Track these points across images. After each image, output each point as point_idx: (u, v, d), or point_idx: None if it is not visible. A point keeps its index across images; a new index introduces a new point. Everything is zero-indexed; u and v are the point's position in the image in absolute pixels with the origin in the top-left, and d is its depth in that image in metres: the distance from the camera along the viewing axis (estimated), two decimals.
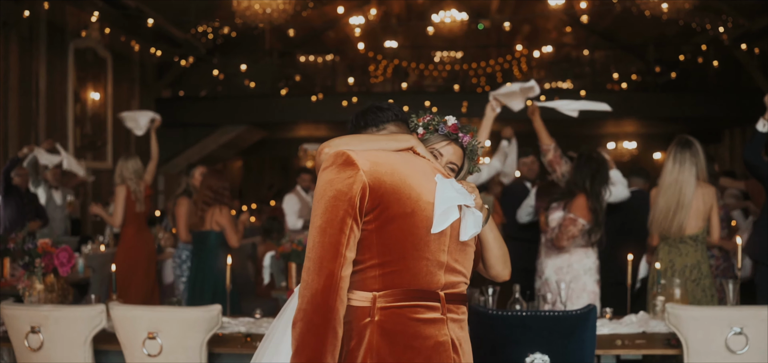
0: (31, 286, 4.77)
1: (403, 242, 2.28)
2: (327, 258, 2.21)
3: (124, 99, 14.39)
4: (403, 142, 2.47)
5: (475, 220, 2.41)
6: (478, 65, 17.59)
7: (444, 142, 2.70)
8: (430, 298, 2.30)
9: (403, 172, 2.32)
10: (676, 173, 5.15)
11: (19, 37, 11.05)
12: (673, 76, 16.72)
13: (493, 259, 2.64)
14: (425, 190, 2.33)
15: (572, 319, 3.66)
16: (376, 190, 2.26)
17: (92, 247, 8.38)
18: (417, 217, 2.29)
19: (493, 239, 2.64)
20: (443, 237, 2.34)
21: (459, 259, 2.41)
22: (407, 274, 2.29)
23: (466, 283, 2.45)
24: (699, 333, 3.83)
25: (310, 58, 18.17)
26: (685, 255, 5.22)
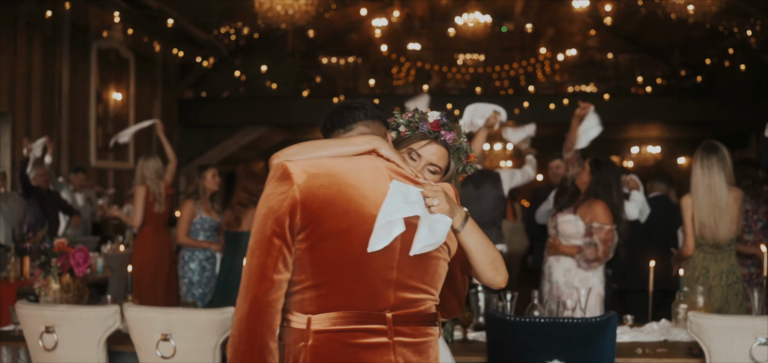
0: (47, 285, 4.77)
1: (337, 262, 2.10)
2: (252, 282, 2.08)
3: (146, 99, 14.47)
4: (363, 144, 2.26)
5: (431, 232, 2.18)
6: (501, 68, 17.49)
7: (424, 141, 2.53)
8: (373, 320, 2.11)
9: (346, 182, 2.13)
10: (708, 179, 5.04)
11: (42, 38, 11.13)
12: (699, 80, 16.52)
13: (479, 266, 2.37)
14: (372, 201, 2.13)
15: (591, 327, 3.58)
16: (308, 206, 2.09)
17: (111, 247, 8.41)
18: (354, 234, 2.10)
19: (477, 244, 2.35)
20: (390, 252, 2.13)
21: (415, 275, 2.18)
22: (344, 296, 2.10)
23: (432, 301, 2.24)
24: (722, 342, 3.73)
25: (332, 60, 18.15)
26: (721, 261, 5.13)
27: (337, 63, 18.14)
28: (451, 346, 4.17)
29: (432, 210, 2.20)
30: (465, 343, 4.27)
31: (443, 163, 2.52)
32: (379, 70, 17.75)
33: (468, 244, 2.34)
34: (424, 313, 2.20)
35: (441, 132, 2.52)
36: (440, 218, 2.21)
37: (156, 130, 8.12)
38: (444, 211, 2.22)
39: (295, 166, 2.13)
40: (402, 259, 2.15)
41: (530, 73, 17.43)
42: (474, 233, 2.34)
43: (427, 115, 2.55)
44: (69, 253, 4.80)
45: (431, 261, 2.22)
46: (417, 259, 2.18)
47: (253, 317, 2.07)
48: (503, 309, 4.42)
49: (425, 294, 2.21)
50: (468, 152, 2.58)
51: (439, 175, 2.51)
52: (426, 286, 2.21)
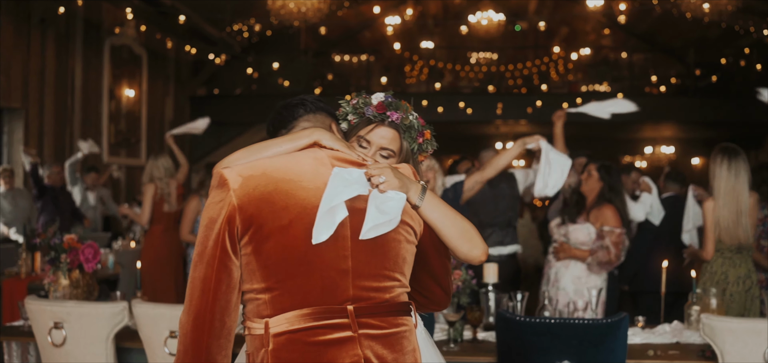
0: (56, 281, 4.77)
1: (284, 260, 2.00)
2: (195, 296, 2.02)
3: (158, 96, 14.50)
4: (304, 138, 2.18)
5: (379, 211, 2.05)
6: (515, 67, 17.44)
7: (370, 126, 2.41)
8: (333, 315, 2.00)
9: (283, 178, 2.04)
10: (733, 181, 4.99)
11: (55, 34, 11.18)
12: (714, 79, 16.40)
13: (451, 240, 2.20)
14: (312, 192, 2.04)
15: (602, 328, 3.54)
16: (245, 209, 2.00)
17: (122, 244, 8.42)
18: (297, 228, 2.00)
19: (441, 217, 2.19)
20: (341, 240, 2.02)
21: (374, 262, 2.06)
22: (298, 294, 2.00)
23: (401, 288, 2.12)
24: (735, 346, 3.68)
25: (345, 58, 18.14)
26: (739, 266, 5.08)
27: (349, 61, 18.13)
28: (460, 345, 4.14)
29: (381, 188, 2.09)
30: (475, 343, 4.24)
31: (395, 145, 2.40)
32: (391, 69, 17.73)
33: (431, 218, 2.18)
34: (391, 302, 2.08)
35: (387, 113, 2.40)
36: (391, 195, 2.09)
37: (166, 140, 8.14)
38: (393, 186, 2.10)
39: (230, 172, 2.05)
40: (355, 247, 2.04)
41: (544, 72, 17.38)
42: (436, 206, 2.19)
43: (371, 99, 2.45)
44: (78, 249, 4.80)
45: (391, 244, 2.08)
46: (373, 244, 2.05)
47: (197, 332, 2.01)
48: (513, 309, 4.39)
49: (391, 281, 2.08)
50: (420, 129, 2.45)
51: (394, 158, 2.40)
52: (390, 272, 2.08)
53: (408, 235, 2.14)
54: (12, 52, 10.17)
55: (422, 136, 2.45)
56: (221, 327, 2.01)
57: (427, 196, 2.17)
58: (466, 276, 4.34)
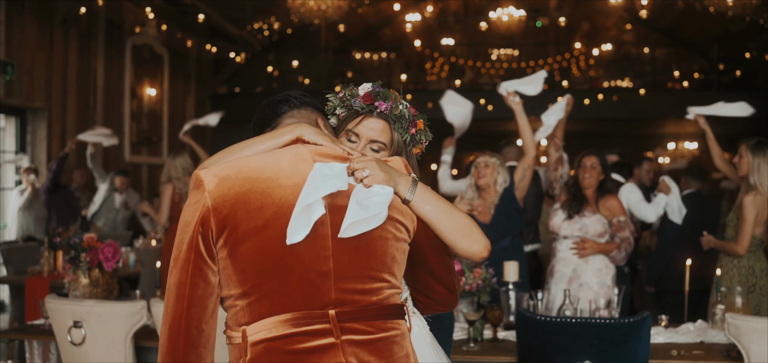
0: (76, 280, 4.79)
1: (260, 263, 1.88)
2: (170, 302, 1.91)
3: (180, 95, 14.56)
4: (286, 134, 2.07)
5: (361, 206, 1.90)
6: (536, 63, 17.31)
7: (358, 118, 2.27)
8: (313, 320, 1.86)
9: (260, 177, 1.92)
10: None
11: (78, 34, 11.26)
12: (738, 74, 16.19)
13: (447, 236, 2.05)
14: (290, 190, 1.91)
15: (624, 327, 3.49)
16: (219, 210, 1.89)
17: (143, 242, 8.45)
18: (273, 229, 1.87)
19: (435, 212, 2.04)
20: (320, 240, 1.89)
21: (358, 262, 1.91)
22: (276, 299, 1.87)
23: (390, 290, 1.97)
24: (762, 345, 3.61)
25: (365, 55, 18.12)
26: (765, 258, 5.08)
27: (370, 58, 18.11)
28: (480, 345, 4.10)
29: (365, 183, 1.95)
30: (495, 342, 4.20)
31: (385, 137, 2.26)
32: (412, 66, 17.69)
33: (424, 213, 2.03)
34: (379, 305, 1.93)
35: (374, 103, 2.26)
36: (376, 190, 1.95)
37: (183, 139, 8.17)
38: (379, 180, 1.96)
39: (206, 173, 1.95)
40: (337, 247, 1.90)
41: (565, 68, 17.26)
42: (429, 200, 2.04)
43: (358, 90, 2.32)
44: (98, 248, 4.82)
45: (377, 242, 1.93)
46: (356, 243, 1.91)
47: (174, 339, 1.91)
48: (534, 308, 4.34)
49: (378, 282, 1.93)
50: (411, 119, 2.31)
51: (386, 150, 2.26)
52: (376, 272, 1.93)
53: (397, 233, 1.99)
54: (35, 53, 10.25)
55: (414, 126, 2.32)
56: (198, 334, 1.91)
57: (419, 189, 2.03)
58: (486, 275, 4.30)
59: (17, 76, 9.82)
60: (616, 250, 5.02)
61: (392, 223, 1.97)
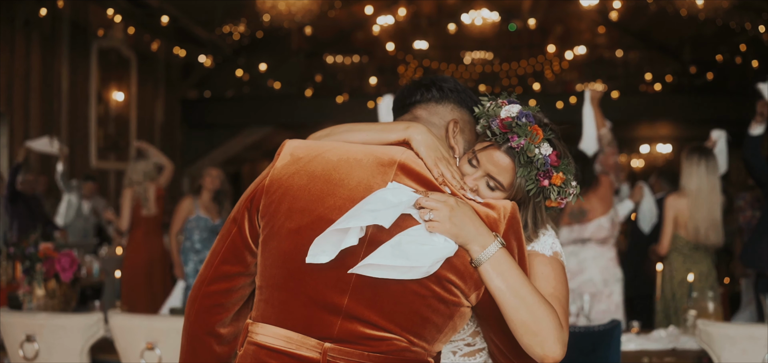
0: (31, 291, 4.62)
1: (279, 266, 1.73)
2: (205, 264, 1.85)
3: (148, 99, 14.37)
4: (396, 131, 1.84)
5: (394, 251, 1.64)
6: (509, 66, 17.34)
7: (485, 143, 1.92)
8: (305, 347, 1.69)
9: (322, 174, 1.74)
10: (714, 182, 5.08)
11: (40, 37, 11.02)
12: (710, 77, 16.31)
13: (512, 324, 1.72)
14: (341, 204, 1.71)
15: (594, 336, 3.40)
16: (270, 194, 1.75)
17: (108, 251, 8.28)
18: (303, 237, 1.69)
19: (502, 292, 1.71)
20: (344, 270, 1.67)
21: (376, 308, 1.68)
22: (280, 309, 1.72)
23: (398, 340, 1.70)
24: (734, 352, 3.54)
25: (337, 59, 18.02)
26: (700, 262, 5.14)
27: (342, 62, 18.02)
28: None
29: (430, 227, 1.68)
30: None
31: (506, 178, 1.88)
32: (385, 69, 17.63)
33: (492, 287, 1.71)
34: (383, 356, 1.71)
35: (508, 135, 1.88)
36: (436, 240, 1.68)
37: (139, 145, 8.01)
38: (444, 231, 1.68)
39: (290, 145, 1.81)
40: (359, 284, 1.68)
41: (538, 72, 17.30)
42: (503, 274, 1.70)
43: (503, 108, 1.92)
44: (54, 258, 4.65)
45: (406, 296, 1.68)
46: (383, 288, 1.67)
47: (193, 300, 1.85)
48: None
49: (393, 335, 1.69)
50: (547, 169, 1.88)
51: (503, 193, 1.89)
52: (394, 327, 1.69)
53: (443, 292, 1.70)
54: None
55: (547, 177, 1.89)
56: (212, 304, 1.84)
57: (496, 257, 1.70)
58: None
59: None
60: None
61: (439, 282, 1.69)
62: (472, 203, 1.77)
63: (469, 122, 1.98)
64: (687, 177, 5.07)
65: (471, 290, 1.72)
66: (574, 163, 1.96)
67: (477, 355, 2.00)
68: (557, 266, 1.92)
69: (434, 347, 1.76)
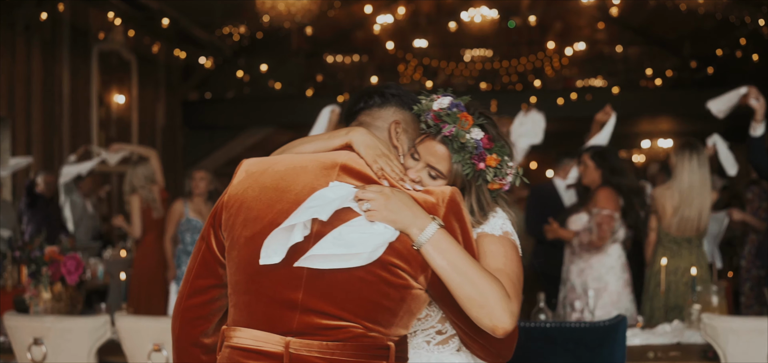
0: (37, 295, 4.64)
1: (241, 272, 1.88)
2: (182, 281, 2.02)
3: (149, 101, 14.38)
4: (337, 137, 2.00)
5: (336, 242, 1.77)
6: (509, 63, 17.34)
7: (422, 136, 2.08)
8: (269, 342, 1.82)
9: (271, 184, 1.89)
10: (704, 176, 5.11)
11: (41, 41, 11.01)
12: (710, 71, 16.30)
13: (460, 300, 1.81)
14: (288, 207, 1.84)
15: (600, 331, 3.42)
16: (229, 209, 1.92)
17: (112, 253, 8.29)
18: (257, 243, 1.83)
19: (450, 269, 1.80)
20: (296, 268, 1.80)
21: (329, 299, 1.80)
22: (246, 312, 1.87)
23: (354, 327, 1.80)
24: (738, 346, 3.57)
25: (337, 59, 18.02)
26: (684, 257, 5.14)
27: (342, 61, 18.02)
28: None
29: (368, 216, 1.80)
30: None
31: (444, 165, 2.03)
32: (385, 68, 17.63)
33: (435, 266, 1.81)
34: (342, 343, 1.81)
35: (439, 124, 2.03)
36: (376, 228, 1.79)
37: (111, 151, 7.98)
38: (382, 218, 1.79)
39: (246, 163, 1.99)
40: (310, 277, 1.80)
41: (538, 68, 17.31)
42: (443, 252, 1.80)
43: (435, 101, 2.08)
44: (60, 262, 4.67)
45: (354, 283, 1.79)
46: (332, 279, 1.79)
47: (174, 318, 2.03)
48: None
49: (348, 323, 1.80)
50: (479, 152, 2.02)
51: (443, 180, 2.03)
52: (348, 314, 1.80)
53: (391, 277, 1.81)
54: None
55: (481, 160, 2.02)
56: (194, 317, 2.00)
57: (436, 237, 1.80)
58: None
59: None
60: (574, 237, 4.95)
61: (385, 267, 1.80)
62: (411, 192, 1.89)
63: (413, 122, 2.13)
64: (678, 172, 5.09)
65: (418, 272, 1.82)
66: (509, 146, 2.08)
67: (449, 342, 2.09)
68: (506, 243, 2.00)
69: (392, 331, 1.85)
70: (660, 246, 5.14)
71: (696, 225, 5.05)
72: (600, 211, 4.91)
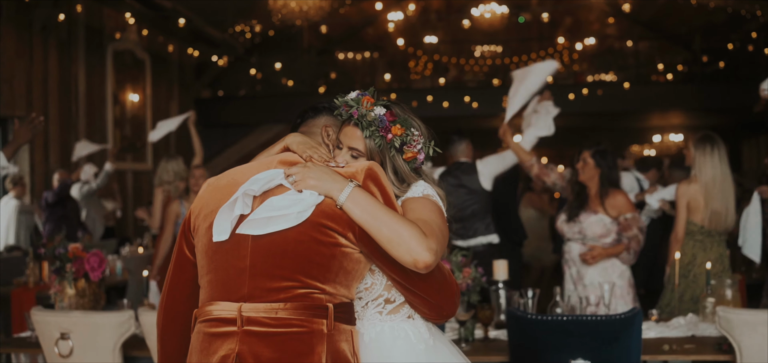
0: (62, 291, 4.72)
1: (203, 256, 2.21)
2: (164, 281, 2.36)
3: (163, 100, 14.47)
4: (276, 145, 2.40)
5: (266, 208, 2.10)
6: (519, 59, 17.30)
7: (340, 126, 2.44)
8: (227, 310, 2.11)
9: (230, 183, 2.23)
10: (725, 169, 5.15)
11: (57, 41, 11.14)
12: (722, 65, 16.27)
13: (383, 245, 2.09)
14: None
15: (616, 324, 3.48)
16: (195, 213, 2.28)
17: (130, 250, 8.38)
18: (213, 228, 2.19)
19: (369, 218, 2.09)
20: (242, 239, 2.12)
21: (272, 262, 2.10)
22: (208, 288, 2.19)
23: (303, 289, 2.09)
24: (753, 338, 3.61)
25: (349, 56, 18.06)
26: (710, 249, 5.21)
27: (353, 58, 18.05)
28: (471, 345, 4.08)
29: (294, 185, 2.13)
30: (486, 342, 4.18)
31: (359, 143, 2.36)
32: (396, 65, 17.64)
33: (356, 218, 2.10)
34: (287, 303, 2.08)
35: (350, 111, 2.38)
36: (302, 196, 2.11)
37: (188, 123, 8.09)
38: (306, 186, 2.12)
39: (208, 181, 2.33)
40: (255, 246, 2.12)
41: None
42: (360, 205, 2.10)
43: (344, 98, 2.44)
44: (84, 258, 4.75)
45: (290, 244, 2.09)
46: (271, 244, 2.10)
47: (158, 314, 2.39)
48: (525, 306, 4.32)
49: (289, 282, 2.09)
50: (384, 125, 2.34)
51: (363, 157, 2.37)
52: (289, 273, 2.09)
53: (322, 236, 2.11)
54: (14, 61, 10.13)
55: (388, 131, 2.34)
56: (176, 313, 2.33)
57: (353, 194, 2.10)
58: (475, 274, 4.28)
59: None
60: (624, 251, 4.98)
61: (315, 228, 2.11)
62: (334, 167, 2.22)
63: (340, 125, 2.47)
64: (700, 166, 5.13)
65: (346, 230, 2.12)
66: (416, 123, 2.40)
67: (400, 311, 2.33)
68: (425, 201, 2.29)
69: (330, 289, 2.12)
70: (691, 240, 5.19)
71: (724, 218, 5.11)
72: (634, 216, 4.97)
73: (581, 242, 5.08)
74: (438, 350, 2.35)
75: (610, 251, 4.99)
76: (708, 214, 5.11)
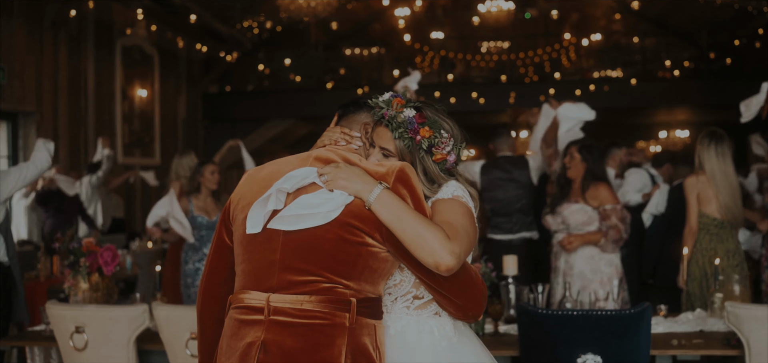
0: (76, 285, 4.78)
1: (239, 246, 2.31)
2: (204, 265, 2.49)
3: (171, 95, 14.52)
4: (322, 141, 2.47)
5: (297, 206, 2.19)
6: (526, 55, 17.30)
7: (374, 127, 2.49)
8: (254, 299, 2.21)
9: (267, 178, 2.31)
10: (727, 163, 5.24)
11: (67, 37, 11.19)
12: (728, 62, 16.24)
13: (408, 246, 2.16)
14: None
15: (625, 318, 3.52)
16: (235, 203, 2.37)
17: (139, 245, 8.43)
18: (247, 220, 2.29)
19: (394, 219, 2.16)
20: (274, 234, 2.22)
21: (300, 256, 2.19)
22: (242, 277, 2.29)
23: (328, 284, 2.17)
24: (762, 333, 3.64)
25: (356, 51, 18.07)
26: (726, 240, 5.28)
27: (360, 54, 18.07)
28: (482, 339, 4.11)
29: (326, 185, 2.22)
30: (497, 336, 4.22)
31: (390, 144, 2.43)
32: (402, 60, 17.63)
33: (383, 219, 2.18)
34: (311, 296, 2.17)
35: (382, 112, 2.45)
36: (332, 195, 2.19)
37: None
38: (336, 186, 2.20)
39: (248, 172, 2.43)
40: (286, 241, 2.21)
41: (555, 60, 17.25)
42: (386, 206, 2.17)
43: (378, 99, 2.50)
44: (97, 253, 4.81)
45: (317, 241, 2.18)
46: (300, 240, 2.19)
47: (198, 297, 2.48)
48: (535, 301, 4.36)
49: (314, 276, 2.17)
50: (414, 126, 2.39)
51: (394, 157, 2.42)
52: (314, 268, 2.18)
53: (349, 235, 2.19)
54: (25, 56, 10.18)
55: (415, 132, 2.39)
56: (213, 292, 2.42)
57: (381, 196, 2.17)
58: (485, 269, 4.32)
59: (8, 80, 9.76)
60: (602, 238, 5.07)
61: (343, 227, 2.19)
62: (365, 166, 2.29)
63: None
64: (704, 160, 5.24)
65: (373, 230, 2.19)
66: (448, 123, 2.44)
67: (427, 307, 2.38)
68: (454, 202, 2.33)
69: (354, 285, 2.19)
70: (708, 234, 5.25)
71: (733, 210, 5.18)
72: (614, 207, 5.06)
73: (566, 232, 5.19)
74: (462, 347, 2.40)
75: (587, 237, 5.13)
76: (719, 205, 5.20)
